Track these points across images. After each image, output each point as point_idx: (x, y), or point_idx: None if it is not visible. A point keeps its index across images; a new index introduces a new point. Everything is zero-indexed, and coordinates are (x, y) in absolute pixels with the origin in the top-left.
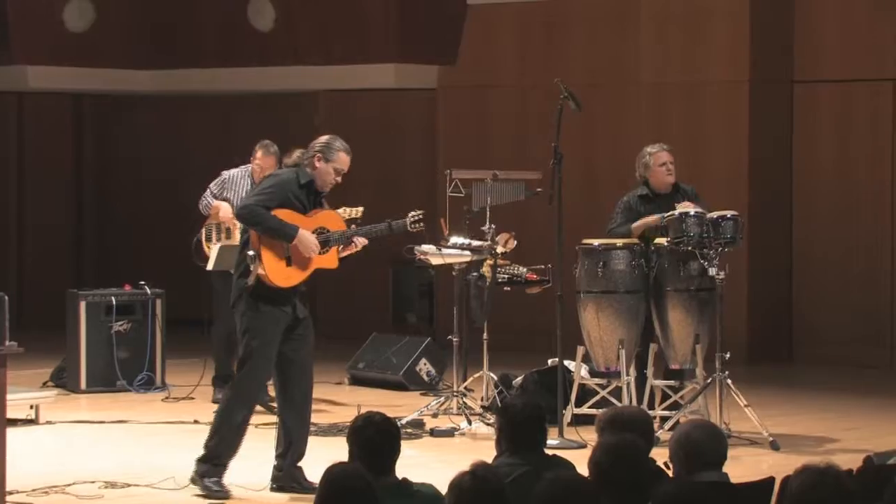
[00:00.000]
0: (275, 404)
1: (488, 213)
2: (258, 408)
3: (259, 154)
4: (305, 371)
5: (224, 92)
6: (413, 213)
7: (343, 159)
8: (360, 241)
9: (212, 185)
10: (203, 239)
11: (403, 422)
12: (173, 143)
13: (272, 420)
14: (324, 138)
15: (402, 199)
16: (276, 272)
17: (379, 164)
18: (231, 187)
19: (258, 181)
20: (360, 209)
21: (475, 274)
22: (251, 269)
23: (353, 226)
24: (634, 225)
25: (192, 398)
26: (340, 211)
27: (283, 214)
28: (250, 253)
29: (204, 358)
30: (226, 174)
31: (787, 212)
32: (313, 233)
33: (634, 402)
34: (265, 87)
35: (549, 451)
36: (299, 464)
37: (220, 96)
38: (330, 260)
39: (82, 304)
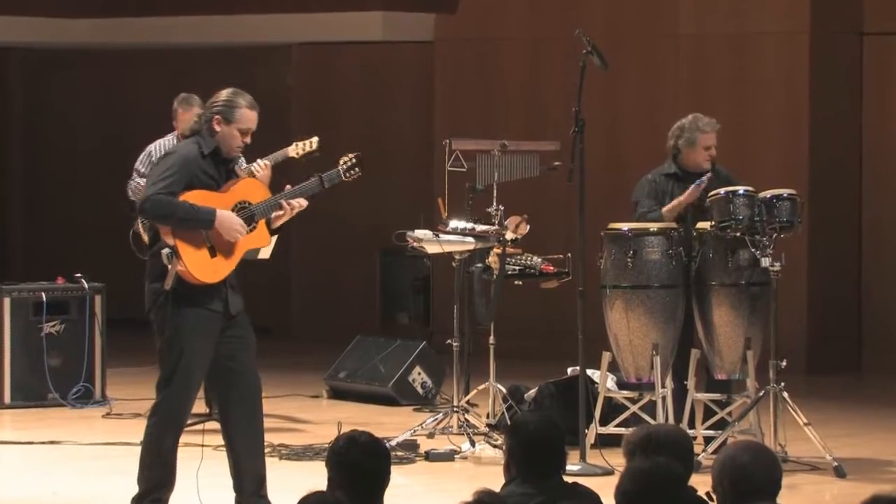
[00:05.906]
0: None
1: (495, 191)
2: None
3: (180, 112)
4: (250, 380)
5: (179, 45)
6: (345, 157)
7: (248, 116)
8: (295, 204)
9: (137, 163)
10: (141, 230)
11: (393, 443)
12: (118, 107)
13: None
14: (223, 95)
15: (391, 173)
16: (200, 267)
17: (363, 131)
18: None
19: None
20: (315, 139)
21: (480, 265)
22: (168, 268)
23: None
24: (666, 208)
25: (139, 414)
26: (292, 147)
27: (194, 196)
28: (165, 251)
29: (152, 366)
30: (151, 147)
31: (856, 189)
32: (233, 209)
33: (671, 420)
34: (229, 39)
35: (568, 479)
36: (263, 492)
37: (174, 50)
38: (260, 238)
39: (6, 301)
